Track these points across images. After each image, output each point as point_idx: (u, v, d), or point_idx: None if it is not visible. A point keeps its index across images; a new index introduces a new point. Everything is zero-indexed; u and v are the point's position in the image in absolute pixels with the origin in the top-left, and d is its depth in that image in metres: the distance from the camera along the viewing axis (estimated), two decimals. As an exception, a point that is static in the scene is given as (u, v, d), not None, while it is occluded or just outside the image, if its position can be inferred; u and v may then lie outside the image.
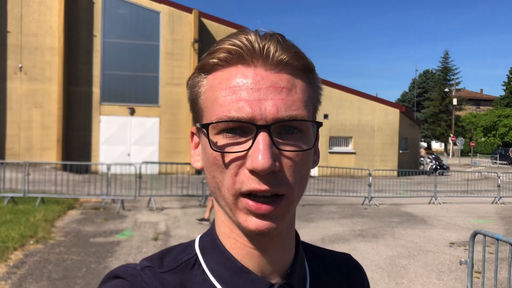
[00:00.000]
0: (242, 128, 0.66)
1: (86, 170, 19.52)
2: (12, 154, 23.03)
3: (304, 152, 0.68)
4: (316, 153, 0.77)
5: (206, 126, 0.68)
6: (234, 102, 0.66)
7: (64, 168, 18.19)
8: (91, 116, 24.09)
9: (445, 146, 60.77)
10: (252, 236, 0.70)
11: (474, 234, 4.41)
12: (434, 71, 66.34)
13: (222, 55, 0.69)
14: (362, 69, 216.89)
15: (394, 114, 28.11)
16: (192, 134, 0.78)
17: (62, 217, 10.49)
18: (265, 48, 0.67)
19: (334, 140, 27.53)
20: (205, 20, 25.25)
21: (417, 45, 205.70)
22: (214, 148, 0.67)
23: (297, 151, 0.67)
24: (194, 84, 0.74)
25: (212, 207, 10.30)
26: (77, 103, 23.88)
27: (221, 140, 0.67)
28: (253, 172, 0.65)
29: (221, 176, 0.68)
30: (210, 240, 0.76)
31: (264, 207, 0.65)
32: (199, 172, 10.22)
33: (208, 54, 0.71)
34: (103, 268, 6.57)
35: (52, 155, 23.10)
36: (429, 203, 15.44)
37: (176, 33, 24.98)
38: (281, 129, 0.67)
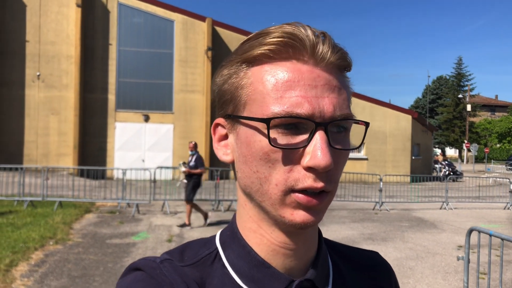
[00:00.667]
0: (298, 124, 0.66)
1: (101, 175, 19.92)
2: (29, 160, 23.57)
3: (349, 151, 0.70)
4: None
5: (267, 121, 0.65)
6: (292, 97, 0.65)
7: (81, 173, 18.61)
8: (107, 123, 24.56)
9: (459, 152, 60.39)
10: (290, 230, 0.70)
11: (470, 231, 4.61)
12: (447, 77, 66.11)
13: (274, 47, 0.67)
14: (376, 75, 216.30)
15: (406, 120, 28.18)
16: (216, 125, 0.76)
17: (79, 220, 10.84)
18: (321, 46, 0.67)
19: (346, 146, 27.63)
20: (218, 28, 25.64)
21: (432, 51, 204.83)
22: (273, 144, 0.65)
23: (347, 149, 0.68)
24: (233, 73, 0.71)
25: (191, 212, 10.42)
26: (93, 110, 24.38)
27: (275, 135, 0.66)
28: (310, 169, 0.65)
29: (267, 172, 0.67)
30: (231, 234, 0.77)
31: (314, 201, 0.65)
32: (211, 177, 10.52)
33: (256, 44, 0.69)
34: (120, 267, 6.86)
35: (68, 160, 23.59)
36: (441, 208, 15.52)
37: (189, 41, 25.40)
38: (332, 128, 0.67)
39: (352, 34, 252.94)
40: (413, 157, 28.92)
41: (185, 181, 10.62)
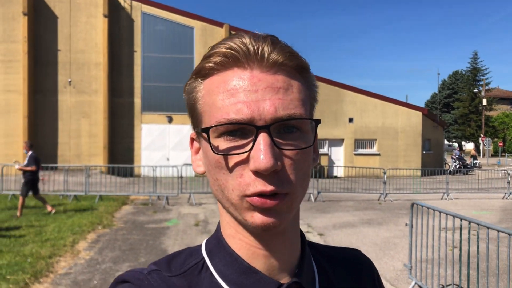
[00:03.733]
0: (242, 130, 0.67)
1: (130, 173, 21.77)
2: (63, 160, 25.55)
3: (304, 150, 0.70)
4: (315, 152, 0.78)
5: (206, 130, 0.68)
6: (232, 104, 0.67)
7: (112, 171, 20.48)
8: (133, 125, 26.47)
9: (477, 146, 61.00)
10: (258, 232, 0.71)
11: (412, 204, 6.18)
12: (463, 72, 66.66)
13: (218, 59, 0.70)
14: (393, 70, 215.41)
15: (416, 117, 29.42)
16: (192, 140, 0.79)
17: (118, 211, 12.63)
18: (260, 50, 0.68)
19: (359, 143, 29.04)
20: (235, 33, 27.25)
21: (450, 44, 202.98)
22: (215, 152, 0.68)
23: (297, 149, 0.68)
24: (191, 89, 0.74)
25: (23, 205, 11.31)
26: (120, 113, 26.30)
27: (222, 143, 0.68)
28: (256, 173, 0.66)
29: (224, 179, 0.69)
30: (216, 242, 0.77)
31: (269, 202, 0.66)
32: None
33: (204, 59, 0.72)
34: (159, 243, 8.58)
35: (99, 160, 25.54)
36: (441, 198, 16.89)
37: (208, 46, 27.05)
38: (280, 129, 0.68)
39: (374, 28, 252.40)
40: (424, 152, 30.15)
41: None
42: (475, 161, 35.17)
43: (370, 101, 28.78)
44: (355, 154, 28.74)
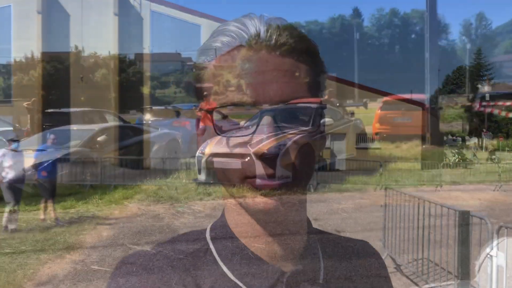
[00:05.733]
0: (246, 112, 0.67)
1: (142, 165, 22.71)
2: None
3: (309, 135, 0.68)
4: (323, 137, 0.76)
5: (210, 111, 0.67)
6: (238, 86, 0.66)
7: (124, 164, 21.56)
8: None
9: (479, 141, 61.51)
10: (260, 217, 0.71)
11: (385, 188, 7.24)
12: (467, 67, 67.06)
13: (225, 38, 0.69)
14: (399, 64, 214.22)
15: (417, 111, 30.09)
16: (198, 120, 0.78)
17: (131, 198, 13.71)
18: (269, 31, 0.67)
19: (361, 137, 29.80)
20: (240, 31, 28.17)
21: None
22: (218, 133, 0.67)
23: (301, 133, 0.67)
24: (199, 71, 0.73)
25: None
26: (131, 108, 27.27)
27: (225, 124, 0.67)
28: (259, 156, 0.64)
29: (226, 161, 0.69)
30: (221, 228, 0.78)
31: (270, 185, 0.66)
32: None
33: (211, 38, 0.72)
34: (170, 224, 9.65)
35: (110, 153, 26.57)
36: (435, 190, 17.72)
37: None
38: (285, 113, 0.67)
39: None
40: (424, 146, 30.85)
41: None
42: (493, 156, 35.96)
43: (372, 96, 29.51)
44: (357, 148, 29.51)
